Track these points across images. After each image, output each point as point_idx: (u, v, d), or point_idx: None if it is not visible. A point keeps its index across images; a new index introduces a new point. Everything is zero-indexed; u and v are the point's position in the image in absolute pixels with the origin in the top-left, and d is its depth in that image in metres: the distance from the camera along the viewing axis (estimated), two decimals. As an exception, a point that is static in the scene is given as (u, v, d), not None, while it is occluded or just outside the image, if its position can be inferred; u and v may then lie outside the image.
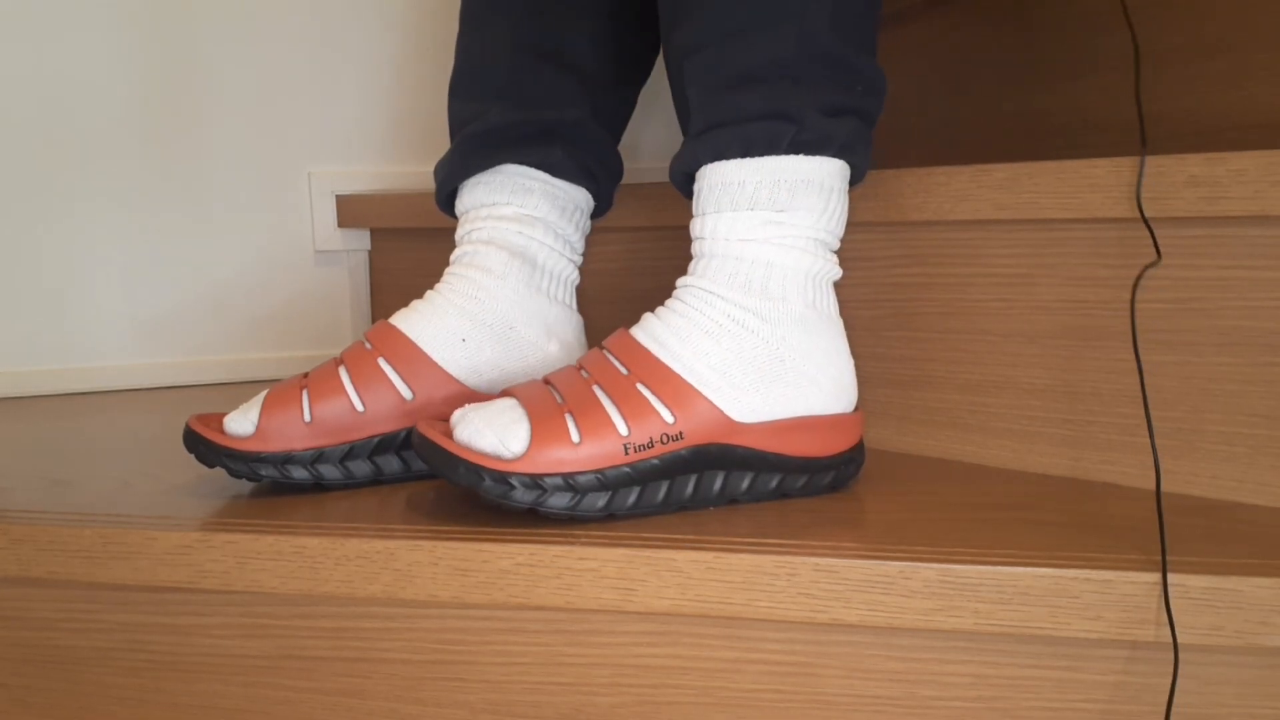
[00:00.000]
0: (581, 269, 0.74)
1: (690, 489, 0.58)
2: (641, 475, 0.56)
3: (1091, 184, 0.60)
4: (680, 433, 0.56)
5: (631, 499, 0.56)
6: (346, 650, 0.57)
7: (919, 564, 0.50)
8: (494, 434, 0.56)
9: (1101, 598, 0.49)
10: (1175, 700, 0.50)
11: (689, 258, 0.62)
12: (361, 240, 1.07)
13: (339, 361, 0.66)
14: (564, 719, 0.56)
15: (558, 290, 0.71)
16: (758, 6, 0.58)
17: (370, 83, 1.07)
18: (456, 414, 0.59)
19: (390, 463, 0.64)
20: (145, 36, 0.98)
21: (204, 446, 0.61)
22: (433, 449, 0.57)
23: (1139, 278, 0.60)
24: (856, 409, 0.62)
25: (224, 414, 0.64)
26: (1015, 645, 0.51)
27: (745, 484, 0.59)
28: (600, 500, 0.55)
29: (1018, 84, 0.98)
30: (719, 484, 0.58)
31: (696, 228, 0.61)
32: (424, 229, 1.01)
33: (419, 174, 1.10)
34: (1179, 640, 0.48)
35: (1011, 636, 0.51)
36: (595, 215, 0.76)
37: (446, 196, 0.74)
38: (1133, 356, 0.62)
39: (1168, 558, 0.50)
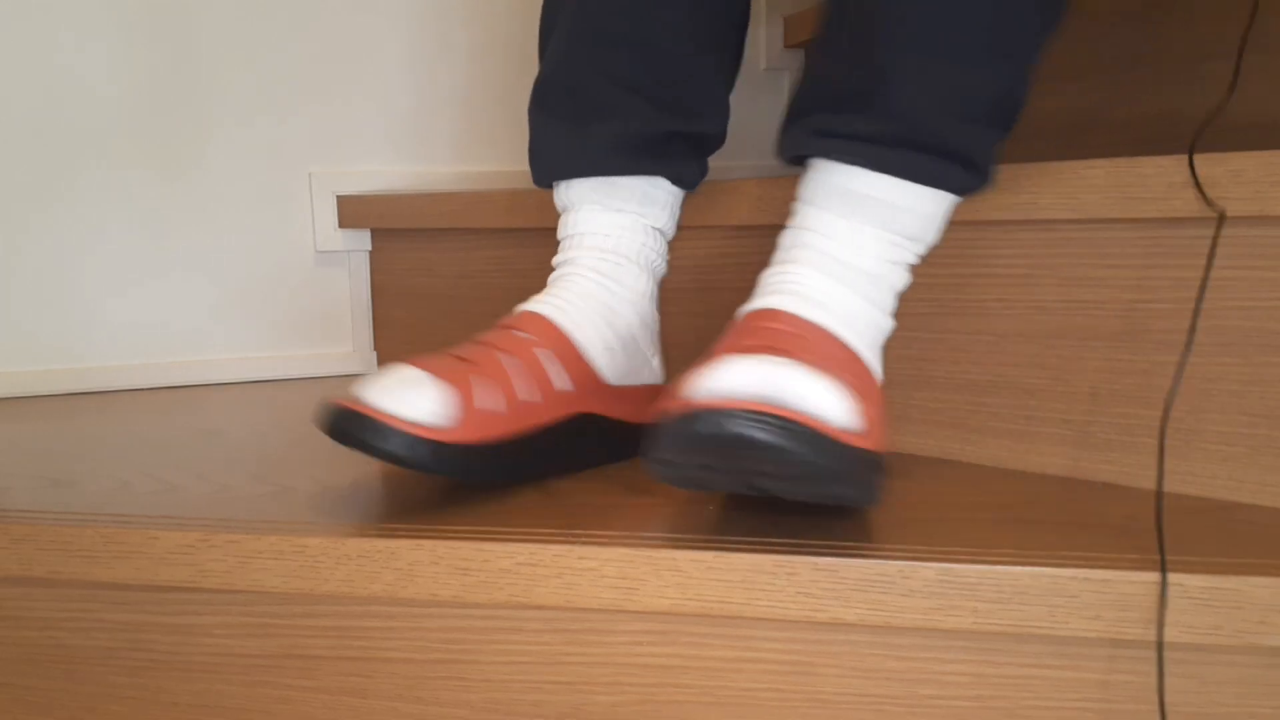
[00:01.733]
0: None
1: None
2: None
3: (1091, 184, 0.60)
4: None
5: None
6: (347, 649, 0.58)
7: (919, 564, 0.50)
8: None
9: (1100, 597, 0.49)
10: (1175, 700, 0.51)
11: (686, 257, 0.62)
12: (361, 240, 1.07)
13: (492, 347, 0.61)
14: (564, 718, 0.56)
15: (658, 296, 0.72)
16: (987, 37, 0.56)
17: (371, 83, 1.07)
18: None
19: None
20: (146, 37, 0.98)
21: (411, 442, 0.52)
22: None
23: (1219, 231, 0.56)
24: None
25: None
26: (1015, 645, 0.52)
27: None
28: None
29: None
30: None
31: (815, 220, 0.59)
32: (424, 229, 1.01)
33: (419, 174, 1.10)
34: (1181, 640, 0.49)
35: (1011, 636, 0.51)
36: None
37: (559, 170, 0.70)
38: (1133, 356, 0.62)
39: (1172, 557, 0.50)
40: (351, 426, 0.52)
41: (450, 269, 1.00)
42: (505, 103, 1.13)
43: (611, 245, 0.68)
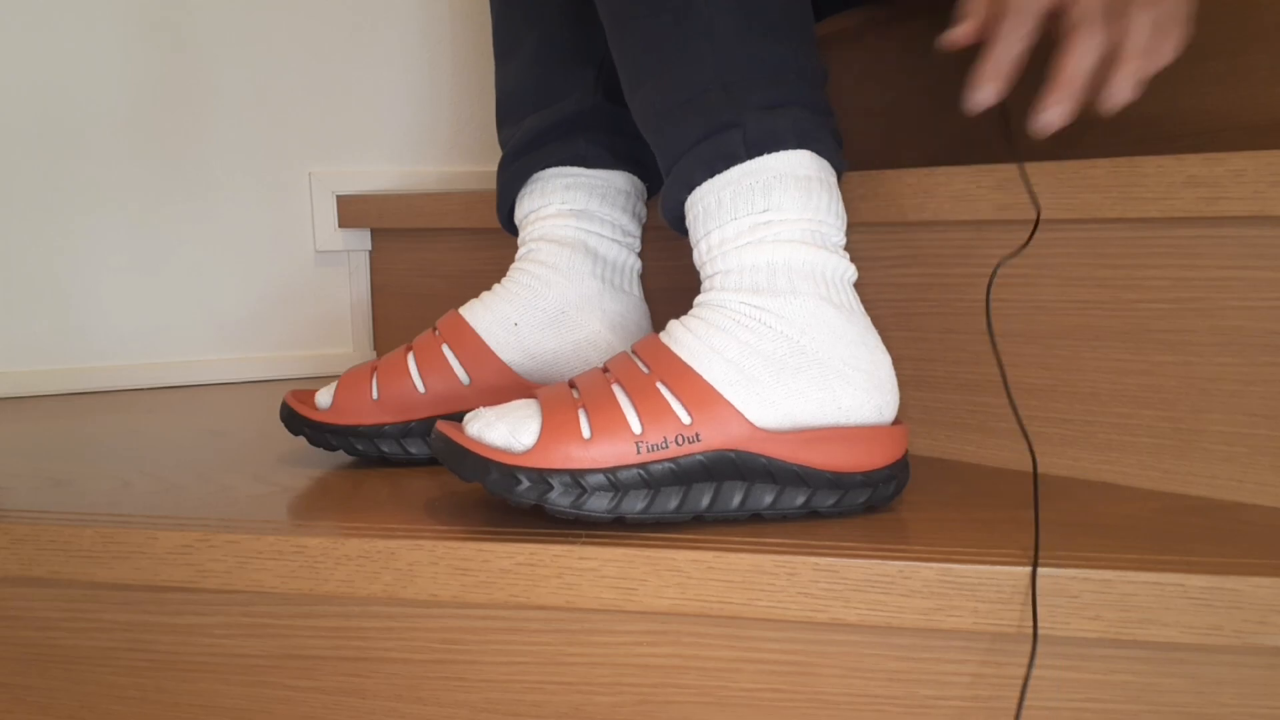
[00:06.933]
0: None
1: (707, 500, 0.55)
2: (654, 479, 0.54)
3: (1091, 184, 0.60)
4: (697, 434, 0.54)
5: (641, 504, 0.54)
6: (347, 650, 0.58)
7: (919, 564, 0.50)
8: (505, 426, 0.55)
9: (1100, 597, 0.49)
10: (1175, 700, 0.51)
11: (685, 258, 0.62)
12: (362, 240, 1.07)
13: (409, 347, 0.70)
14: (564, 718, 0.56)
15: (615, 277, 0.73)
16: (667, 40, 0.60)
17: (371, 83, 1.07)
18: (470, 413, 0.58)
19: None
20: (146, 38, 0.98)
21: (294, 417, 0.68)
22: (444, 443, 0.56)
23: (998, 265, 0.62)
24: (898, 421, 0.59)
25: (316, 390, 0.72)
26: (1015, 645, 0.52)
27: (769, 499, 0.55)
28: (606, 501, 0.53)
29: (1017, 84, 0.98)
30: (739, 497, 0.55)
31: (696, 257, 0.61)
32: (424, 229, 1.01)
33: (419, 174, 1.10)
34: (1182, 640, 0.49)
35: (1011, 636, 0.51)
36: (653, 193, 0.77)
37: (506, 217, 0.77)
38: (1133, 356, 0.62)
39: (1172, 557, 0.50)
40: (282, 415, 0.70)
41: (450, 269, 1.01)
42: (505, 103, 1.13)
43: (538, 234, 0.73)
